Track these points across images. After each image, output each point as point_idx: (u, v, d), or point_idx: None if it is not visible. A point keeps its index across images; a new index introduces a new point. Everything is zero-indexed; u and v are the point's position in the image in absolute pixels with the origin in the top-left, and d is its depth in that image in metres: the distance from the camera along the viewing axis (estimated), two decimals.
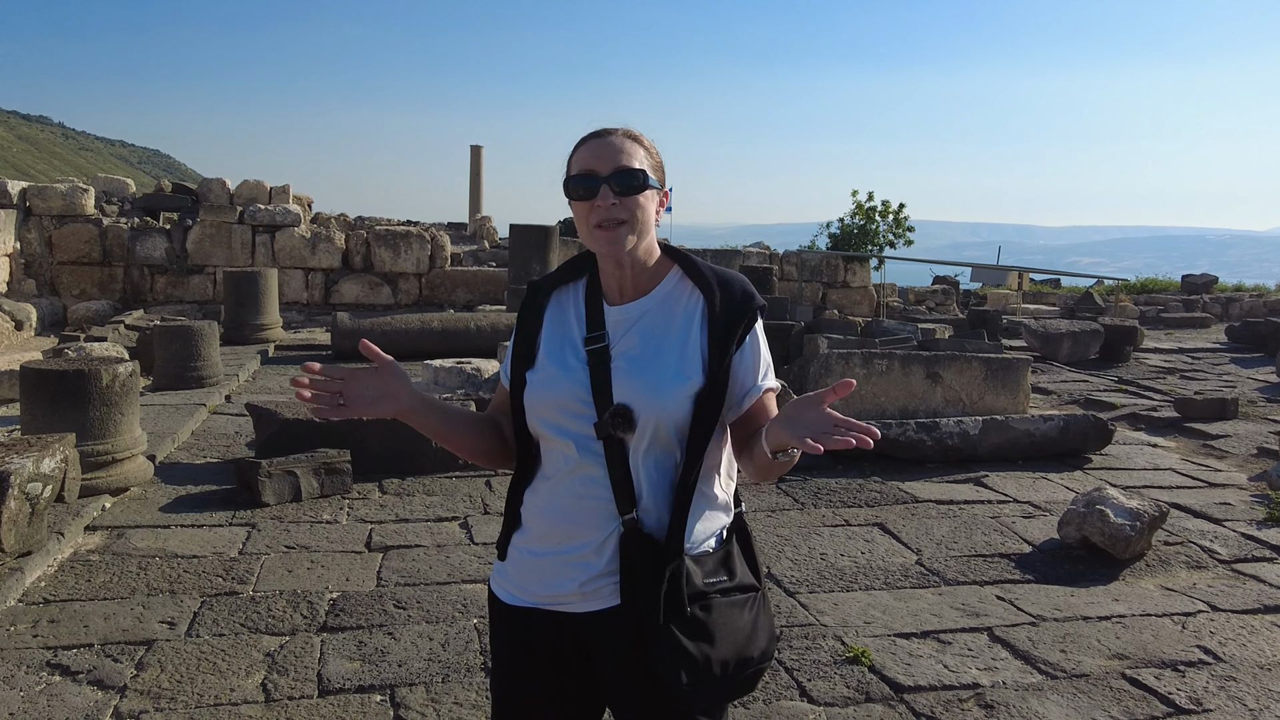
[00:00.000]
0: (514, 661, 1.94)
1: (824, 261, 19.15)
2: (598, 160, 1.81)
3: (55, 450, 4.70)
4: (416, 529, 5.11)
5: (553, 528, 1.86)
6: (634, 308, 1.88)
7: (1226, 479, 6.75)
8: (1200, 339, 15.95)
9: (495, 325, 11.42)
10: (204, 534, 4.92)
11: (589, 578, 1.82)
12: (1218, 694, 3.55)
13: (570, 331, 1.90)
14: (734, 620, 1.79)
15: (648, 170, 1.83)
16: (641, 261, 1.87)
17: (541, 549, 1.87)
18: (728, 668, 1.76)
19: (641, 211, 1.82)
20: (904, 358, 7.77)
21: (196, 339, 8.66)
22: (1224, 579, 4.78)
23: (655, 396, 1.78)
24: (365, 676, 3.48)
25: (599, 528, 1.82)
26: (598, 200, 1.80)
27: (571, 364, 1.85)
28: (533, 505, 1.91)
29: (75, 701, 3.24)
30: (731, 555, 1.87)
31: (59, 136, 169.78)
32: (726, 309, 1.84)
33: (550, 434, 1.86)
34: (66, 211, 14.82)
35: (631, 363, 1.83)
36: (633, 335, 1.86)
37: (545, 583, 1.86)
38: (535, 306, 1.95)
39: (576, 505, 1.83)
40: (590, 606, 1.83)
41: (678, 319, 1.86)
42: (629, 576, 1.77)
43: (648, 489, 1.81)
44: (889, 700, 3.44)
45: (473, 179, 28.64)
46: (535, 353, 1.91)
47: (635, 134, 1.86)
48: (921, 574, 4.69)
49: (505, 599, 1.94)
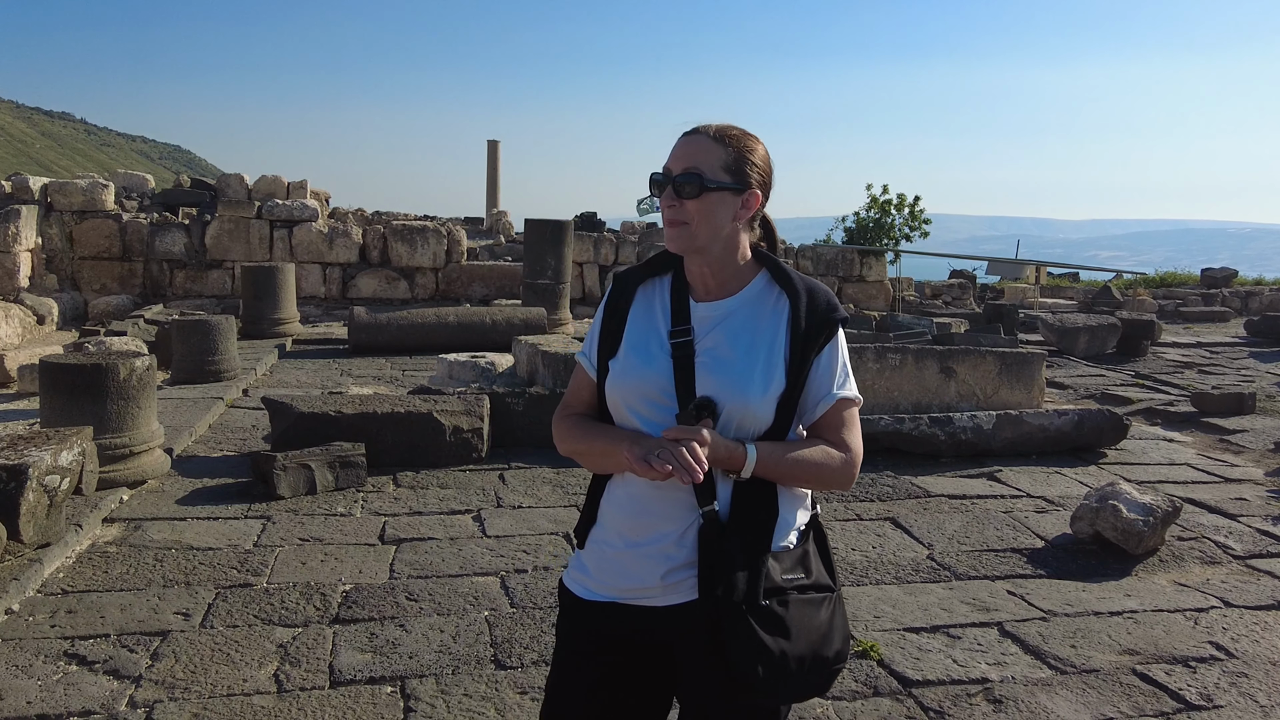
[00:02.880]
0: (579, 651, 1.94)
1: (839, 256, 19.10)
2: (674, 159, 1.84)
3: (73, 443, 4.76)
4: (430, 522, 5.15)
5: (633, 520, 1.88)
6: (720, 306, 1.90)
7: (1243, 474, 6.71)
8: (1219, 333, 15.83)
9: (511, 320, 11.45)
10: (219, 526, 4.97)
11: (669, 568, 1.83)
12: (1229, 690, 3.54)
13: (656, 324, 1.92)
14: (810, 618, 1.80)
15: (720, 173, 1.82)
16: (723, 261, 1.89)
17: (621, 542, 1.89)
18: (804, 665, 1.77)
19: (703, 215, 1.82)
20: (917, 352, 7.75)
21: (214, 333, 8.73)
22: (1238, 574, 4.76)
23: (740, 393, 1.81)
24: (376, 668, 3.51)
25: (679, 519, 1.83)
26: (663, 199, 1.85)
27: (655, 354, 1.88)
28: (612, 498, 1.93)
29: (91, 691, 3.29)
30: (809, 554, 1.88)
31: (81, 132, 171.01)
32: (810, 316, 1.86)
33: (632, 421, 1.88)
34: (87, 207, 14.94)
35: (716, 359, 1.85)
36: (718, 333, 1.88)
37: (626, 575, 1.88)
38: (622, 298, 1.97)
39: (657, 496, 1.84)
40: (671, 599, 1.84)
41: (764, 321, 1.88)
42: (707, 568, 1.78)
43: (721, 482, 1.83)
44: (897, 694, 3.45)
45: (489, 174, 28.69)
46: (618, 343, 1.94)
47: (728, 133, 1.85)
48: (932, 569, 4.69)
49: (581, 593, 1.95)
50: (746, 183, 1.85)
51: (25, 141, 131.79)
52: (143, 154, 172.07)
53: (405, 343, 11.26)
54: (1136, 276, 25.21)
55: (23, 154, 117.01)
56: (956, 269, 23.56)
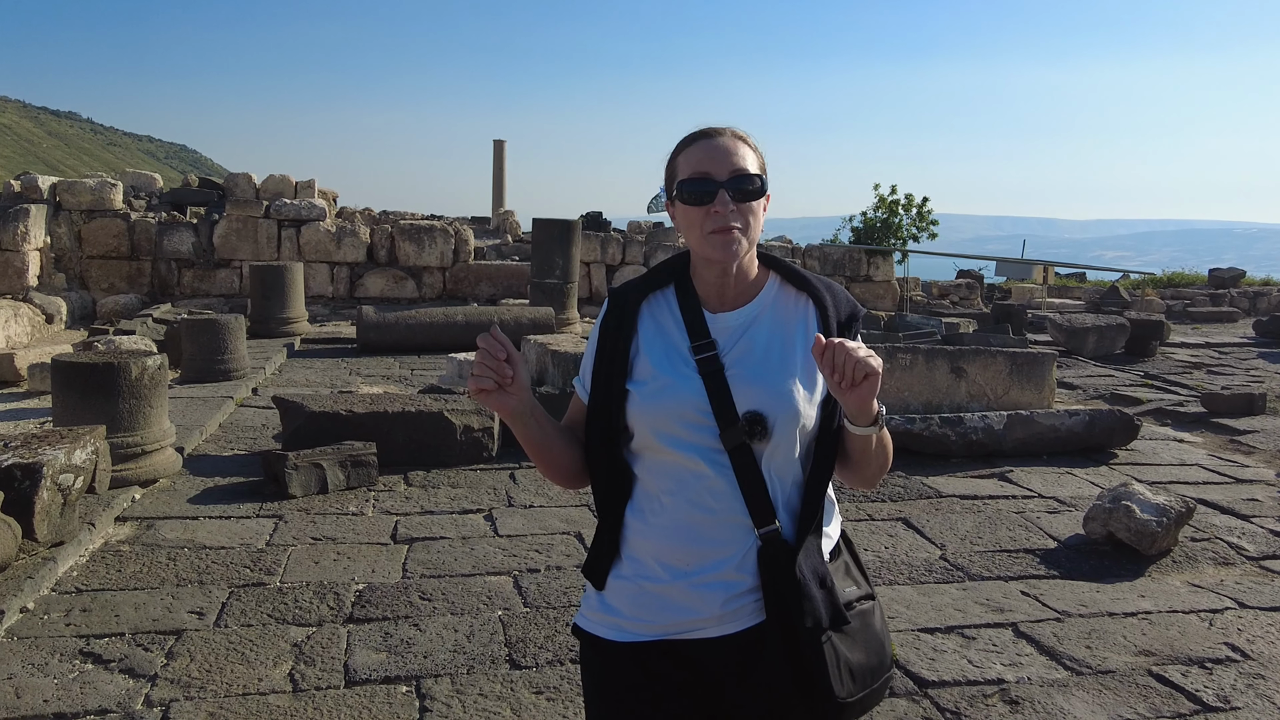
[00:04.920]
0: (627, 703, 1.78)
1: (847, 255, 19.08)
2: (713, 163, 1.72)
3: (86, 442, 4.77)
4: (441, 521, 5.15)
5: (679, 550, 1.74)
6: (740, 315, 1.81)
7: (1254, 475, 6.69)
8: (1227, 333, 15.78)
9: (519, 319, 11.46)
10: (232, 525, 4.98)
11: (730, 596, 1.72)
12: (1246, 692, 3.53)
13: (672, 340, 1.81)
14: (871, 629, 1.78)
15: (762, 174, 1.76)
16: (745, 269, 1.81)
17: (667, 574, 1.75)
18: (873, 676, 1.74)
19: (755, 218, 1.75)
20: (928, 352, 7.74)
21: (224, 332, 8.74)
22: (1252, 575, 4.74)
23: (787, 402, 1.73)
24: (391, 668, 3.51)
25: (735, 543, 1.72)
26: (715, 206, 1.71)
27: (684, 372, 1.76)
28: (645, 528, 1.78)
29: (107, 689, 3.29)
30: (849, 564, 1.84)
31: (88, 132, 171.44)
32: (839, 313, 1.81)
33: (667, 447, 1.75)
34: (95, 206, 14.97)
35: (751, 370, 1.75)
36: (745, 342, 1.78)
37: (675, 609, 1.74)
38: (625, 315, 1.83)
39: (706, 522, 1.73)
40: (728, 629, 1.73)
41: (792, 324, 1.80)
42: (774, 592, 1.69)
43: (781, 498, 1.75)
44: (913, 695, 3.44)
45: (496, 173, 28.72)
46: (631, 364, 1.80)
47: (742, 134, 1.78)
48: (946, 569, 4.68)
49: (612, 636, 1.79)
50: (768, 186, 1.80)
51: (32, 141, 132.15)
52: (149, 153, 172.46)
53: (413, 342, 11.27)
54: (1143, 277, 25.16)
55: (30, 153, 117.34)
56: (964, 269, 23.53)
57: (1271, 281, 23.84)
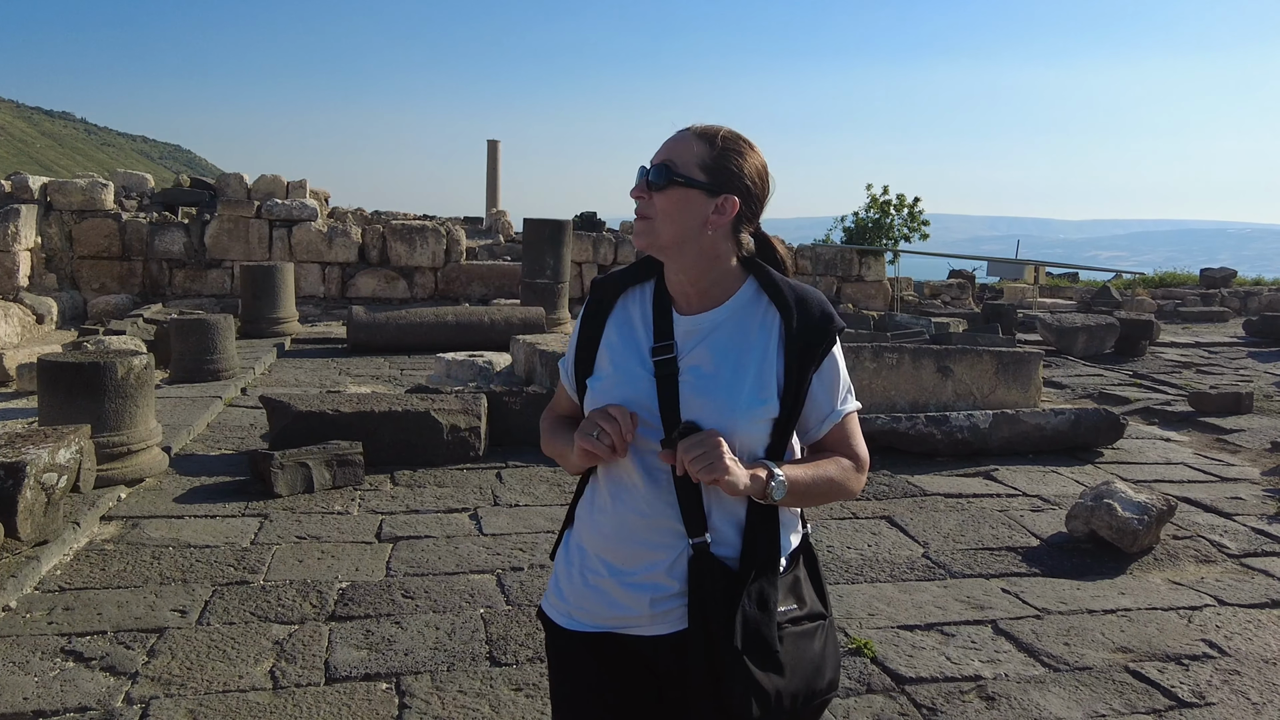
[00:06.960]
0: (575, 686, 1.83)
1: (838, 255, 19.11)
2: (656, 152, 1.74)
3: (71, 441, 4.77)
4: (426, 520, 5.16)
5: (618, 549, 1.77)
6: (705, 319, 1.76)
7: (1239, 473, 6.73)
8: (1218, 333, 15.83)
9: (510, 319, 11.46)
10: (217, 524, 4.98)
11: (658, 597, 1.73)
12: (1221, 687, 3.55)
13: (636, 338, 1.79)
14: (805, 651, 1.73)
15: (694, 170, 1.70)
16: (700, 269, 1.75)
17: (605, 569, 1.78)
18: (797, 701, 1.70)
19: (668, 211, 1.70)
20: (914, 351, 7.76)
21: (213, 332, 8.74)
22: (1232, 573, 4.77)
23: (727, 419, 1.68)
24: (372, 665, 3.53)
25: (667, 548, 1.72)
26: (633, 191, 1.75)
27: (638, 374, 1.75)
28: (593, 525, 1.81)
29: (88, 687, 3.30)
30: (800, 581, 1.79)
31: (81, 132, 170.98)
32: (804, 329, 1.73)
33: None
34: (87, 206, 14.95)
35: (702, 379, 1.72)
36: (703, 349, 1.74)
37: (612, 604, 1.77)
38: (601, 308, 1.84)
39: (640, 524, 1.74)
40: (659, 629, 1.74)
41: (752, 336, 1.74)
42: (698, 601, 1.68)
43: (717, 510, 1.71)
44: (890, 691, 3.46)
45: (489, 173, 28.70)
46: (595, 358, 1.82)
47: (716, 133, 1.73)
48: (928, 567, 4.70)
49: (563, 623, 1.84)
50: (723, 186, 1.71)
51: (26, 141, 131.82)
52: (143, 153, 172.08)
53: (404, 342, 11.27)
54: (1136, 276, 25.21)
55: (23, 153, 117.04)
56: (956, 269, 23.56)
57: (1263, 281, 23.91)
